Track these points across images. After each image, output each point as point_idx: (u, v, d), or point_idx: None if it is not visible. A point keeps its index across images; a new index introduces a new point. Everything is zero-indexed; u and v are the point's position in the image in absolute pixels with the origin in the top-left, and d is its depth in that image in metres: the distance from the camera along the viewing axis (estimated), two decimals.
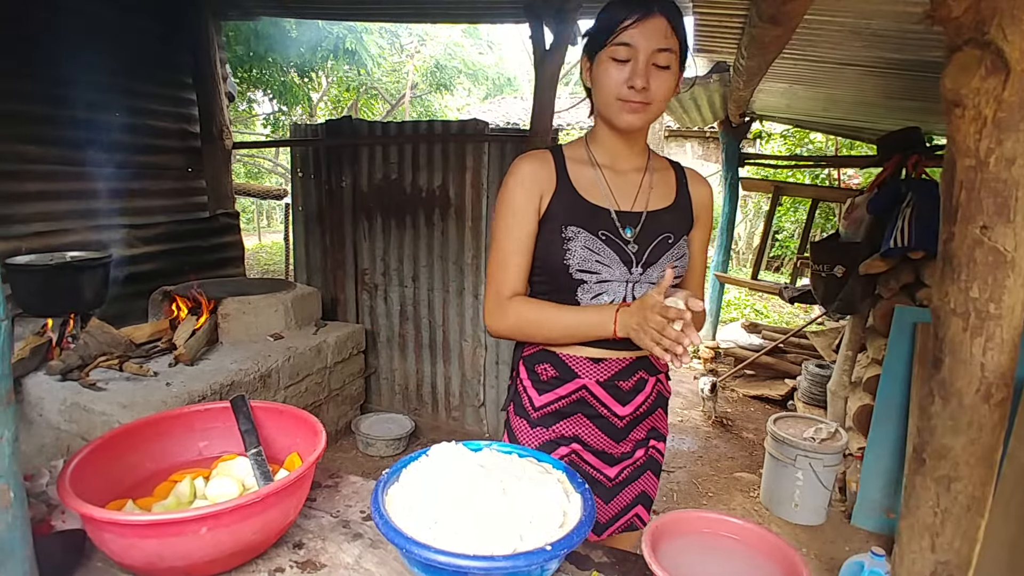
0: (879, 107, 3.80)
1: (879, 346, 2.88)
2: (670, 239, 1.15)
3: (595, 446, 1.21)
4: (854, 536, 2.72)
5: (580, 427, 1.20)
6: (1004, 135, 0.74)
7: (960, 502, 0.80)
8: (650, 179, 1.19)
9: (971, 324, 0.80)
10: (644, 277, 1.13)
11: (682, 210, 1.20)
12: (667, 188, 1.20)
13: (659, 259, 1.14)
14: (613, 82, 1.06)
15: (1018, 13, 0.68)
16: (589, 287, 1.13)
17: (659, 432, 1.28)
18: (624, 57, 1.04)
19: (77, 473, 0.83)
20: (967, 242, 0.80)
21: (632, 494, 1.26)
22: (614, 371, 1.17)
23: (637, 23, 1.02)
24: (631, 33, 1.02)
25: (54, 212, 3.06)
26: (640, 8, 1.02)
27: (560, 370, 1.18)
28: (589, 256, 1.11)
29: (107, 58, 3.20)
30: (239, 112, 10.25)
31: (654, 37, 1.02)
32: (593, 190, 1.15)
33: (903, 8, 1.91)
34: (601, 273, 1.12)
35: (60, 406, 2.27)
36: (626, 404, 1.19)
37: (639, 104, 1.06)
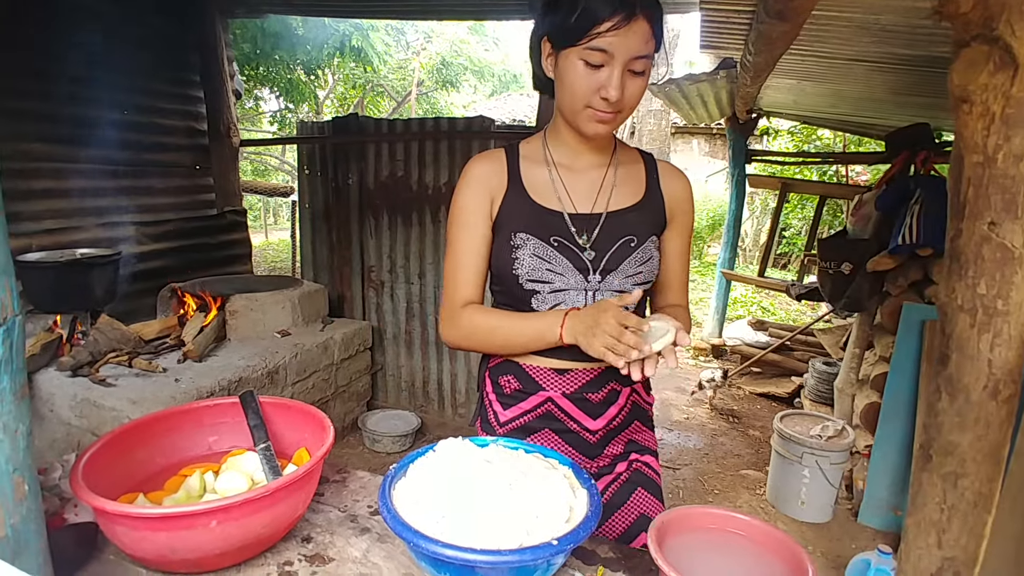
0: (888, 103, 3.77)
1: (887, 344, 2.87)
2: (632, 242, 1.05)
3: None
4: (861, 534, 2.71)
5: (549, 443, 1.10)
6: (1012, 131, 0.74)
7: (967, 498, 0.80)
8: (613, 175, 1.08)
9: (978, 320, 0.80)
10: (604, 285, 1.04)
11: (651, 208, 1.09)
12: (634, 184, 1.10)
13: (620, 264, 1.04)
14: (584, 88, 0.94)
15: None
16: (543, 297, 1.04)
17: (642, 446, 1.18)
18: (598, 62, 0.91)
19: (89, 467, 0.84)
20: (975, 238, 0.80)
21: (628, 518, 1.12)
22: (581, 383, 1.08)
23: (617, 28, 0.89)
24: (609, 39, 0.89)
25: (64, 210, 3.09)
26: (622, 9, 0.88)
27: (523, 382, 1.10)
28: (539, 264, 1.02)
29: (115, 56, 3.22)
30: (246, 110, 10.29)
31: (634, 43, 0.91)
32: (546, 192, 1.06)
33: (912, 3, 1.89)
34: (554, 282, 1.03)
35: (71, 402, 2.29)
36: (597, 418, 1.10)
37: (610, 115, 0.96)
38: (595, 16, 0.89)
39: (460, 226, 1.08)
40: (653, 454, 1.20)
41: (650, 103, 9.99)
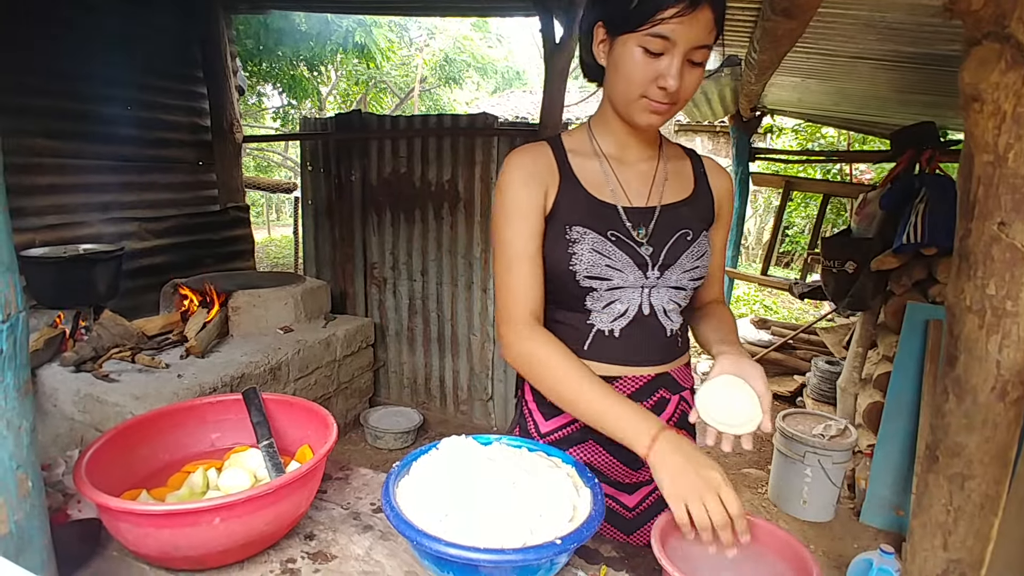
0: (892, 101, 3.76)
1: (890, 343, 2.86)
2: (689, 235, 1.01)
3: (609, 475, 1.06)
4: (863, 533, 2.71)
5: (592, 454, 1.06)
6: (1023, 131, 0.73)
7: (974, 500, 0.80)
8: (664, 169, 1.04)
9: (987, 321, 0.79)
10: (662, 281, 0.99)
11: (702, 203, 1.06)
12: (683, 179, 1.07)
13: (678, 259, 1.00)
14: (641, 77, 0.89)
15: None
16: (599, 295, 0.99)
17: None
18: (658, 50, 0.87)
19: (93, 463, 0.84)
20: (984, 239, 0.79)
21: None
22: (630, 391, 1.02)
23: (682, 15, 0.84)
24: (672, 26, 0.85)
25: (67, 205, 3.09)
26: None
27: None
28: (598, 260, 0.97)
29: (118, 52, 3.23)
30: (248, 106, 10.28)
31: (697, 32, 0.86)
32: (599, 185, 1.01)
33: (919, 1, 1.88)
34: (612, 279, 0.98)
35: (74, 397, 2.30)
36: None
37: (666, 106, 0.91)
38: (660, 1, 0.84)
39: (516, 219, 0.98)
40: None
41: None
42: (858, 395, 3.25)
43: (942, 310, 2.57)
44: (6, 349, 0.62)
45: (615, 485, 1.07)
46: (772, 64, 2.69)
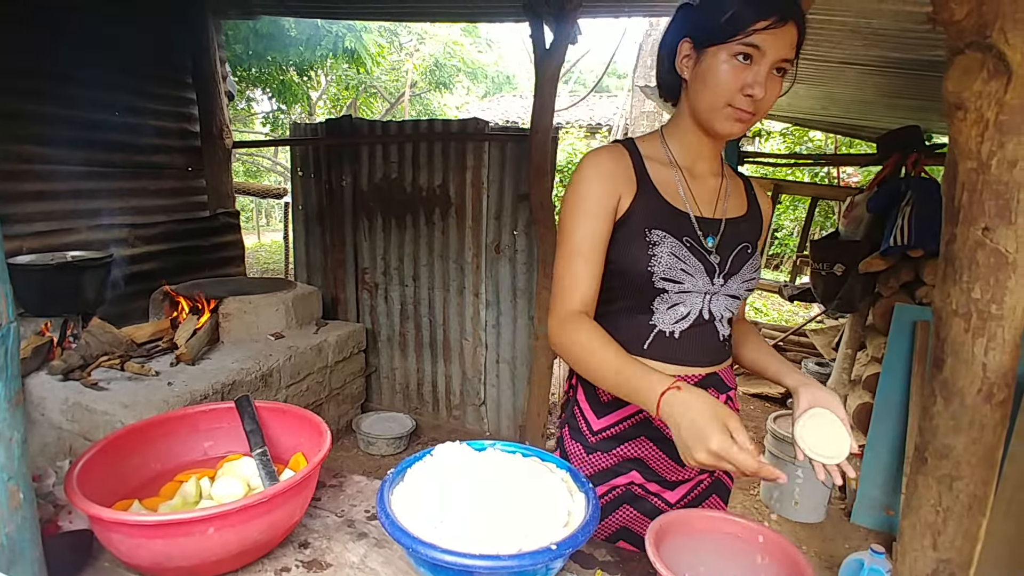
0: (878, 105, 3.81)
1: (879, 344, 2.89)
2: (749, 248, 1.08)
3: (658, 471, 1.10)
4: (853, 534, 2.73)
5: (643, 450, 1.09)
6: (1006, 138, 0.75)
7: (962, 501, 0.81)
8: (727, 185, 1.11)
9: (973, 325, 0.81)
10: (724, 289, 1.05)
11: (755, 221, 1.13)
12: (740, 197, 1.13)
13: (740, 269, 1.06)
14: (729, 85, 0.94)
15: (1020, 16, 0.68)
16: (669, 297, 1.03)
17: None
18: (747, 60, 0.93)
19: (84, 473, 0.83)
20: (969, 244, 0.81)
21: None
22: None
23: (774, 28, 0.90)
24: (764, 36, 0.90)
25: (55, 212, 3.06)
26: (777, 11, 0.90)
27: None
28: (675, 264, 1.01)
29: (107, 57, 3.20)
30: (238, 111, 10.24)
31: (784, 45, 0.92)
32: (673, 193, 1.05)
33: (903, 7, 1.92)
34: (684, 283, 1.02)
35: (62, 406, 2.27)
36: None
37: (749, 114, 0.96)
38: (755, 13, 0.90)
39: (583, 215, 1.01)
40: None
41: (643, 104, 10.04)
42: (848, 396, 3.29)
43: (929, 311, 2.61)
44: None
45: (660, 482, 1.11)
46: None
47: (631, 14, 3.35)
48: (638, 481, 1.11)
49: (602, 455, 1.10)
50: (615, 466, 1.11)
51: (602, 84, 13.00)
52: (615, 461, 1.10)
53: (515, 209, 3.19)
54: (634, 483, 1.11)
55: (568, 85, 11.60)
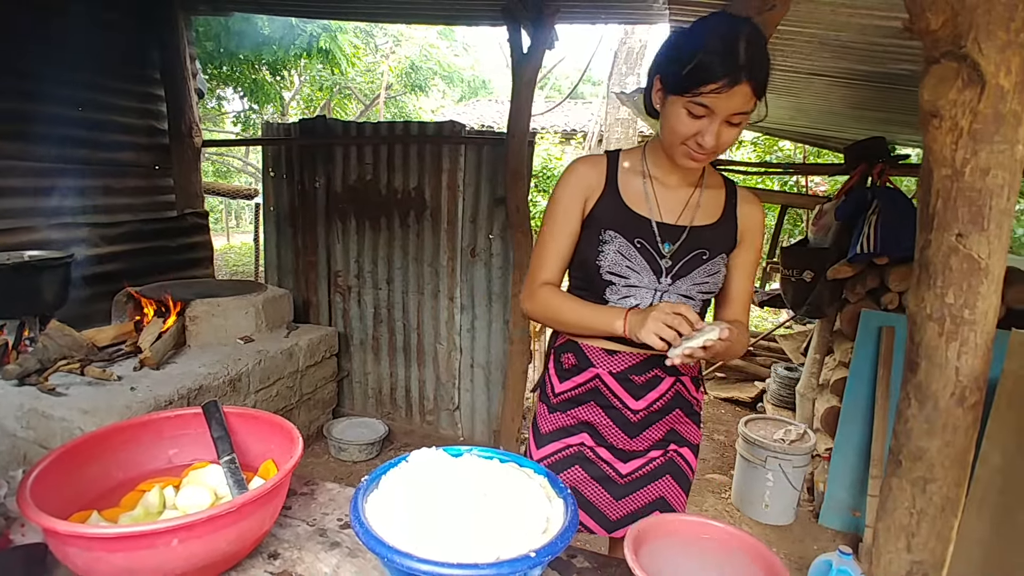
0: (845, 117, 3.91)
1: (846, 349, 2.96)
2: (704, 255, 1.17)
3: (608, 438, 1.24)
4: (822, 535, 2.78)
5: (593, 415, 1.24)
6: (979, 146, 0.77)
7: (935, 503, 0.83)
8: (699, 195, 1.20)
9: (946, 329, 0.83)
10: (673, 288, 1.16)
11: (725, 229, 1.20)
12: (715, 205, 1.21)
13: (690, 272, 1.16)
14: (683, 131, 1.04)
15: (993, 28, 0.70)
16: (617, 289, 1.17)
17: (683, 437, 1.28)
18: (700, 115, 1.02)
19: (39, 483, 0.79)
20: (943, 249, 0.82)
21: (647, 497, 1.26)
22: (627, 364, 1.21)
23: (720, 91, 0.97)
24: (712, 99, 0.98)
25: (11, 209, 2.94)
26: (729, 75, 0.96)
27: (579, 359, 1.24)
28: (620, 260, 1.15)
29: (72, 51, 3.10)
30: (208, 109, 10.03)
31: (735, 104, 0.99)
32: (639, 199, 1.18)
33: (872, 21, 1.97)
34: (630, 278, 1.16)
35: (16, 412, 2.17)
36: (639, 399, 1.22)
37: (703, 155, 1.07)
38: (703, 77, 0.97)
39: (554, 216, 1.21)
40: (692, 448, 1.30)
41: (618, 111, 10.14)
42: (816, 400, 3.35)
43: (894, 317, 2.68)
44: None
45: (611, 449, 1.25)
46: None
47: (607, 21, 3.38)
48: (588, 443, 1.26)
49: (560, 415, 1.27)
50: (570, 426, 1.27)
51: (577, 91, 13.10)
52: (571, 422, 1.26)
53: (491, 213, 3.18)
54: (585, 444, 1.26)
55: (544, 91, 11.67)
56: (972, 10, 0.69)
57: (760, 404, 4.28)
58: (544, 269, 1.22)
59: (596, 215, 1.18)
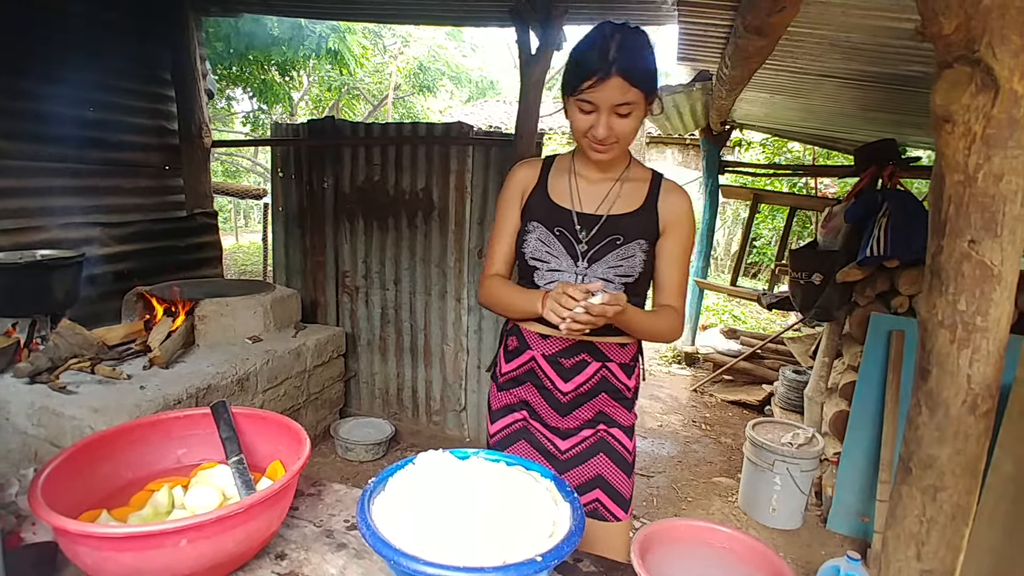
0: (856, 118, 3.88)
1: (855, 353, 2.93)
2: (619, 241, 1.27)
3: (543, 416, 1.37)
4: (829, 540, 2.76)
5: (530, 394, 1.38)
6: (992, 151, 0.76)
7: (945, 511, 0.82)
8: (619, 188, 1.31)
9: (958, 336, 0.82)
10: (590, 271, 1.28)
11: (645, 218, 1.29)
12: (635, 196, 1.30)
13: (604, 257, 1.27)
14: (578, 127, 1.20)
15: (1007, 32, 0.69)
16: (542, 274, 1.31)
17: (612, 419, 1.36)
18: (588, 110, 1.16)
19: (49, 483, 0.80)
20: (955, 256, 0.81)
21: (587, 475, 1.35)
22: (557, 348, 1.32)
23: (594, 86, 1.12)
24: (590, 94, 1.13)
25: (24, 209, 2.97)
26: (598, 71, 1.11)
27: (520, 342, 1.37)
28: (540, 247, 1.30)
29: (83, 53, 3.13)
30: (217, 110, 10.09)
31: (612, 95, 1.12)
32: (563, 194, 1.32)
33: (883, 23, 1.95)
34: (550, 263, 1.30)
35: (28, 410, 2.19)
36: (567, 381, 1.32)
37: (604, 147, 1.20)
38: (580, 74, 1.14)
39: (499, 215, 1.38)
40: (624, 430, 1.37)
41: None
42: (824, 404, 3.33)
43: (905, 321, 2.66)
44: None
45: (548, 427, 1.37)
46: (742, 80, 2.75)
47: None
48: (529, 419, 1.39)
49: (505, 393, 1.41)
50: (512, 404, 1.40)
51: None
52: (513, 400, 1.40)
53: None
54: (527, 419, 1.39)
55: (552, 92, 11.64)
56: (986, 14, 0.69)
57: (768, 407, 4.26)
58: (492, 263, 1.38)
59: (526, 209, 1.34)
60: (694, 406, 4.41)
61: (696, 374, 5.13)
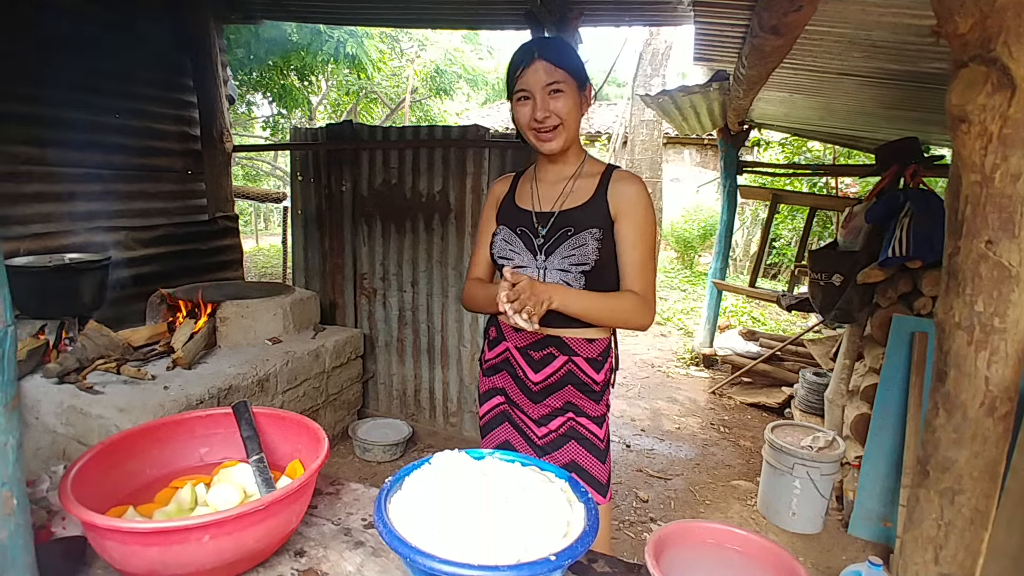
0: (877, 117, 3.82)
1: (876, 355, 2.89)
2: (570, 232, 1.36)
3: (518, 403, 1.48)
4: (851, 545, 2.71)
5: (506, 382, 1.50)
6: (1010, 151, 0.74)
7: (964, 515, 0.80)
8: (572, 185, 1.42)
9: (976, 338, 0.80)
10: (548, 263, 1.38)
11: (594, 209, 1.38)
12: (586, 191, 1.40)
13: (557, 248, 1.37)
14: (523, 118, 1.34)
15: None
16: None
17: (580, 409, 1.44)
18: (524, 99, 1.33)
19: (79, 479, 0.83)
20: (972, 256, 0.80)
21: (561, 460, 1.44)
22: (528, 341, 1.43)
23: (523, 72, 1.30)
24: (522, 80, 1.31)
25: (53, 214, 3.06)
26: (524, 59, 1.30)
27: (498, 333, 1.51)
28: (504, 246, 1.44)
29: (109, 61, 3.21)
30: (238, 115, 10.26)
31: (540, 77, 1.29)
32: (525, 197, 1.47)
33: (902, 21, 1.93)
34: (514, 259, 1.42)
35: (57, 409, 2.25)
36: (537, 372, 1.43)
37: (549, 130, 1.33)
38: (511, 71, 1.34)
39: (480, 226, 1.57)
40: (593, 420, 1.45)
41: (643, 113, 10.07)
42: (845, 407, 3.28)
43: (927, 323, 2.62)
44: None
45: (524, 413, 1.47)
46: (760, 79, 2.73)
47: (632, 23, 3.37)
48: (506, 404, 1.51)
49: (487, 379, 1.55)
50: (493, 388, 1.53)
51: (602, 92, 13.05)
52: (493, 385, 1.53)
53: None
54: (505, 404, 1.51)
55: None
56: (1002, 13, 0.67)
57: (788, 410, 4.20)
58: (473, 269, 1.55)
59: (498, 217, 1.50)
60: (712, 408, 4.37)
61: (714, 376, 5.09)
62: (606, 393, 1.47)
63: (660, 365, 5.43)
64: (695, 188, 11.19)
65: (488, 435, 1.55)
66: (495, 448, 1.32)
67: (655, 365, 5.43)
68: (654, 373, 5.21)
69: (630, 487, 3.18)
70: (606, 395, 1.48)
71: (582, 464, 1.43)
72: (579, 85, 1.33)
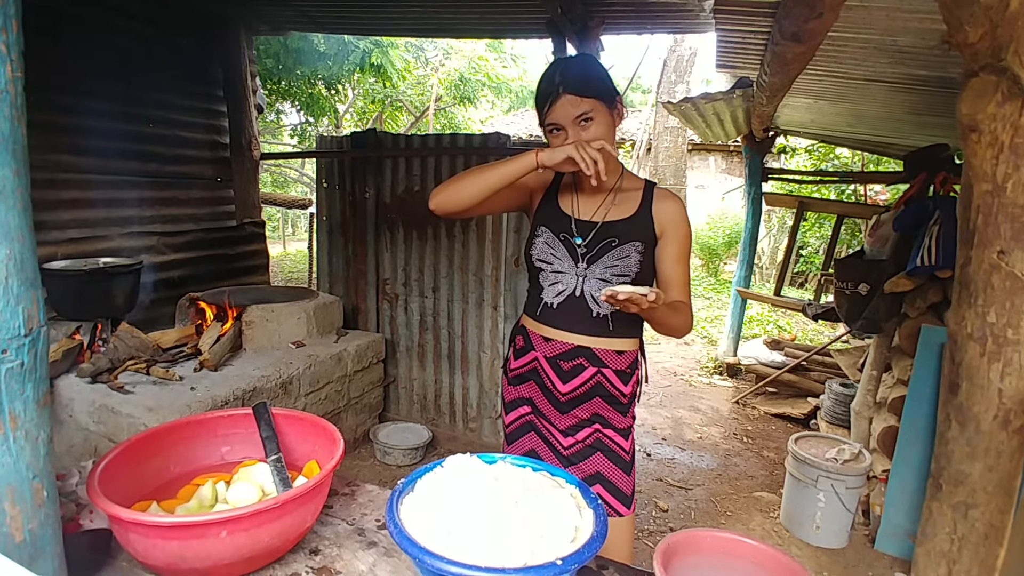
0: (906, 123, 3.75)
1: (905, 366, 2.82)
2: (614, 243, 1.38)
3: (545, 413, 1.47)
4: (877, 561, 2.65)
5: (533, 392, 1.49)
6: (1021, 161, 0.73)
7: (978, 530, 0.78)
8: (613, 197, 1.43)
9: (988, 349, 0.79)
10: (589, 272, 1.38)
11: (639, 223, 1.39)
12: (629, 204, 1.42)
13: (601, 258, 1.37)
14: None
15: None
16: (547, 275, 1.42)
17: (608, 421, 1.44)
18: (558, 132, 1.32)
19: (106, 474, 0.86)
20: (984, 267, 0.79)
21: (587, 471, 1.43)
22: (558, 351, 1.42)
23: (551, 107, 1.30)
24: (551, 115, 1.31)
25: (88, 219, 3.17)
26: (549, 95, 1.30)
27: (526, 342, 1.48)
28: (546, 250, 1.42)
29: (142, 72, 3.32)
30: (267, 123, 10.49)
31: (568, 111, 1.29)
32: (567, 201, 1.46)
33: (929, 26, 1.89)
34: (554, 264, 1.41)
35: (89, 407, 2.33)
36: (566, 383, 1.42)
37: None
38: (540, 106, 1.33)
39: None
40: (620, 432, 1.45)
41: (667, 120, 10.02)
42: (872, 419, 3.20)
43: None
44: (27, 362, 0.65)
45: (550, 424, 1.47)
46: (783, 86, 2.70)
47: (654, 31, 3.37)
48: (533, 414, 1.50)
49: (514, 388, 1.53)
50: (520, 398, 1.52)
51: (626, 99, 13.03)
52: (519, 395, 1.52)
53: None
54: (532, 414, 1.50)
55: None
56: (1012, 22, 0.67)
57: (813, 421, 4.12)
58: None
59: (538, 212, 1.47)
60: (735, 418, 4.31)
61: (738, 385, 5.02)
62: (633, 405, 1.47)
63: (683, 374, 5.38)
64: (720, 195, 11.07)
65: (514, 444, 1.55)
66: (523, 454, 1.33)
67: (677, 373, 5.38)
68: (676, 381, 5.16)
69: (650, 496, 3.16)
70: (633, 407, 1.48)
71: (607, 476, 1.43)
72: (608, 105, 1.33)
